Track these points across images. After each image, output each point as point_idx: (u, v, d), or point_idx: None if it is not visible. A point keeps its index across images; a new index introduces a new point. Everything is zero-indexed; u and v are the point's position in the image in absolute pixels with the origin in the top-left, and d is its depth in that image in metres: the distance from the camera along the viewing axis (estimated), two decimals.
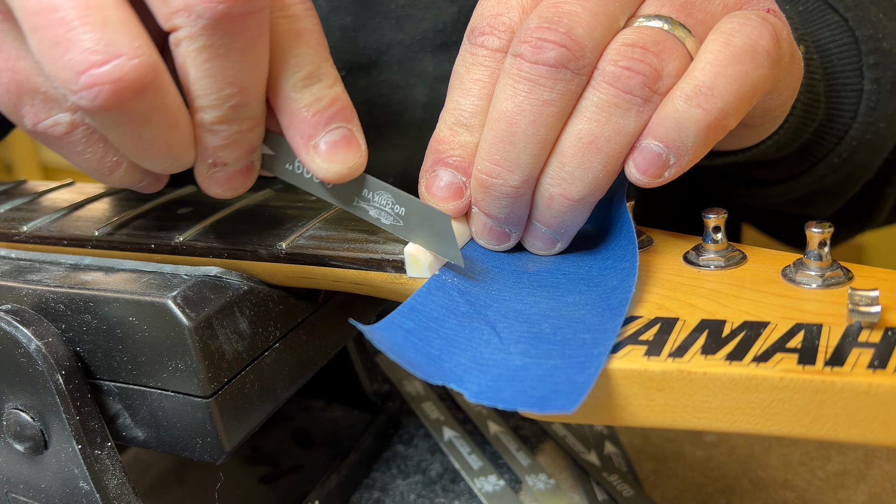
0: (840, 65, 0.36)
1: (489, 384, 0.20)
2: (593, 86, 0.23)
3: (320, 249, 0.26)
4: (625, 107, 0.23)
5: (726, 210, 0.24)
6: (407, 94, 0.44)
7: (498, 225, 0.26)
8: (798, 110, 0.33)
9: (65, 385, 0.26)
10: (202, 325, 0.25)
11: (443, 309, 0.23)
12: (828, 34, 0.36)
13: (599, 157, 0.24)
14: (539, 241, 0.26)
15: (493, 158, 0.24)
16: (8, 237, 0.31)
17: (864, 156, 0.38)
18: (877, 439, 0.18)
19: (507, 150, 0.24)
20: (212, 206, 0.31)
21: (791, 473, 0.34)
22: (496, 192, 0.25)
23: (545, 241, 0.26)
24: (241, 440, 0.27)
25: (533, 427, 0.37)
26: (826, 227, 0.22)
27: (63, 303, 0.26)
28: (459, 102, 0.26)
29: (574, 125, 0.24)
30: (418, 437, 0.37)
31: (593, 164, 0.24)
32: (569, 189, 0.24)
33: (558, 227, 0.25)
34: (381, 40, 0.43)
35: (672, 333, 0.21)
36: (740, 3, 0.25)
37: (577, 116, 0.24)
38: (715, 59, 0.23)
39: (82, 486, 0.26)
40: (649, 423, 0.20)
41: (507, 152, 0.24)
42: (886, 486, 0.33)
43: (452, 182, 0.26)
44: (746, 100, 0.23)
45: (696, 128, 0.23)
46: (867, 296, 0.19)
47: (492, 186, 0.25)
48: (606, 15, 0.24)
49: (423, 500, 0.33)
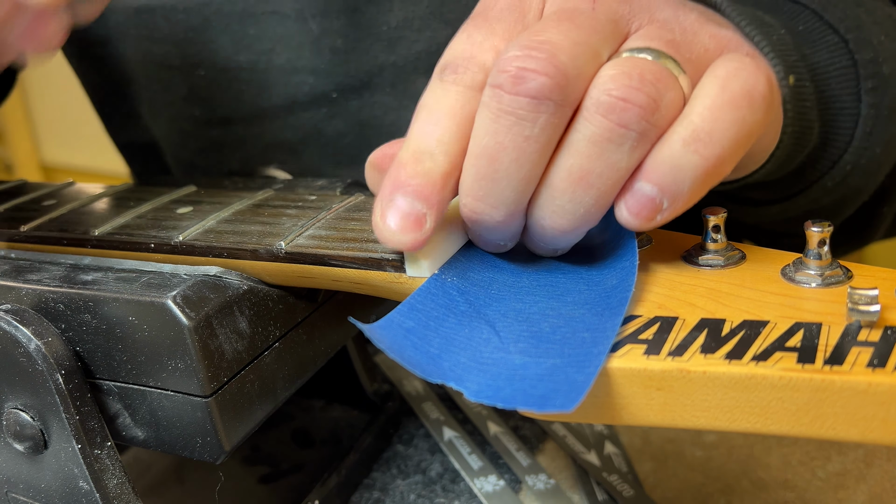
0: (837, 88, 0.35)
1: (489, 383, 0.20)
2: (584, 117, 0.22)
3: (320, 249, 0.26)
4: (619, 141, 0.22)
5: (726, 209, 0.24)
6: (400, 115, 0.43)
7: (493, 247, 0.26)
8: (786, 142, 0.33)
9: (64, 385, 0.26)
10: (202, 325, 0.25)
11: (442, 308, 0.23)
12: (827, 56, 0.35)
13: (591, 193, 0.22)
14: (537, 248, 0.26)
15: (476, 195, 0.23)
16: (8, 237, 0.31)
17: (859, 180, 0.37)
18: (876, 438, 0.18)
19: (489, 188, 0.23)
20: (212, 206, 0.31)
21: (791, 473, 0.34)
22: (484, 226, 0.24)
23: (543, 250, 0.26)
24: (241, 440, 0.27)
25: (533, 427, 0.37)
26: (825, 227, 0.22)
27: (63, 302, 0.27)
28: (424, 129, 0.24)
29: (564, 160, 0.22)
30: (418, 437, 0.37)
31: (585, 199, 0.22)
32: (559, 222, 0.23)
33: (552, 246, 0.25)
34: (374, 62, 0.42)
35: (671, 332, 0.21)
36: (720, 47, 0.24)
37: (567, 150, 0.22)
38: (713, 104, 0.22)
39: (82, 485, 0.26)
40: (649, 423, 0.20)
41: (490, 189, 0.23)
42: (886, 486, 0.33)
43: (410, 212, 0.23)
44: (742, 146, 0.22)
45: (694, 174, 0.22)
46: (866, 295, 0.19)
47: (478, 221, 0.24)
48: (588, 46, 0.22)
49: (423, 500, 0.33)
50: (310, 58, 0.43)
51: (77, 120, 2.17)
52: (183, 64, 0.45)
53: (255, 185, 0.35)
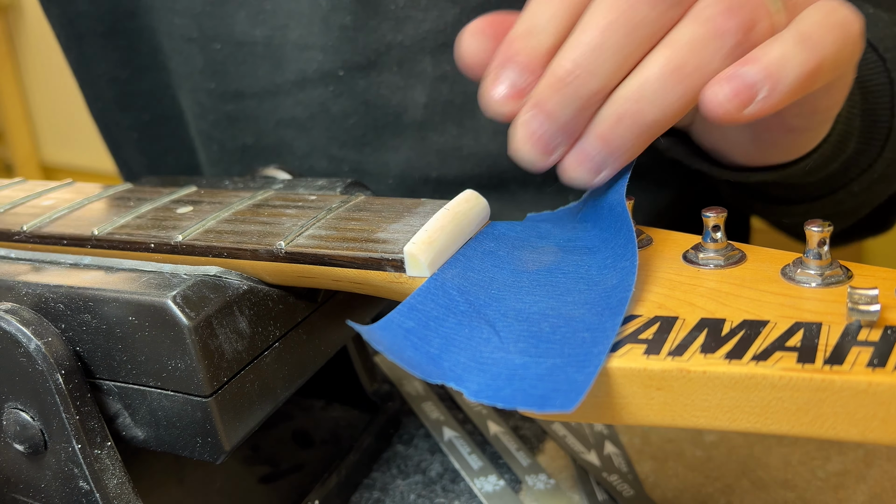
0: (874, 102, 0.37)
1: (488, 383, 0.20)
2: (689, 19, 0.24)
3: (320, 249, 0.26)
4: (716, 45, 0.24)
5: (726, 209, 0.24)
6: (406, 94, 0.44)
7: (550, 133, 0.26)
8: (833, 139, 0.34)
9: (64, 384, 0.26)
10: (202, 325, 0.25)
11: (442, 308, 0.23)
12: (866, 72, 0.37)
13: (681, 87, 0.24)
14: (583, 165, 0.26)
15: (575, 60, 0.24)
16: (7, 237, 0.31)
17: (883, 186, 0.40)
18: (876, 437, 0.18)
19: (592, 56, 0.24)
20: (212, 206, 0.31)
21: (791, 473, 0.34)
22: (568, 93, 0.25)
23: (590, 166, 0.26)
24: (241, 440, 0.27)
25: (533, 427, 0.37)
26: (825, 227, 0.22)
27: (63, 302, 0.27)
28: (536, 11, 0.26)
29: (662, 52, 0.24)
30: (418, 437, 0.37)
31: (674, 91, 0.24)
32: (644, 109, 0.24)
33: (615, 149, 0.25)
34: (381, 41, 0.43)
35: (671, 332, 0.21)
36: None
37: (667, 44, 0.24)
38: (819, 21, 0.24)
39: (82, 485, 0.26)
40: (648, 422, 0.20)
41: (593, 58, 0.24)
42: (886, 486, 0.33)
43: (516, 83, 0.26)
44: (840, 62, 0.24)
45: (799, 69, 0.23)
46: (866, 294, 0.19)
47: (566, 86, 0.25)
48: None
49: (423, 500, 0.33)
50: (319, 34, 0.43)
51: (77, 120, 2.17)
52: (200, 37, 0.45)
53: (255, 185, 0.35)
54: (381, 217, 0.28)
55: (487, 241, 0.27)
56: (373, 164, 0.46)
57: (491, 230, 0.28)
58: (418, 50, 0.43)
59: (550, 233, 0.28)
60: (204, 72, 0.46)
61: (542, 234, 0.28)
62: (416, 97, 0.44)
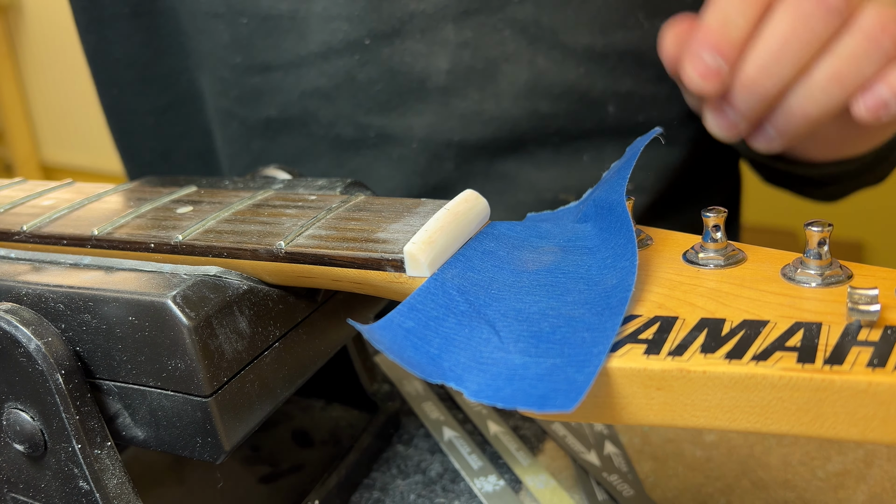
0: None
1: (488, 383, 0.20)
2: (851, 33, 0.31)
3: (320, 249, 0.26)
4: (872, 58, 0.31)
5: (726, 209, 0.24)
6: (429, 61, 0.46)
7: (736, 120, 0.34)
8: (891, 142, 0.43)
9: (64, 385, 0.26)
10: (202, 325, 0.25)
11: (442, 308, 0.23)
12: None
13: (839, 91, 0.32)
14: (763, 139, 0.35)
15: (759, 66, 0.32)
16: (7, 237, 0.31)
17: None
18: (876, 437, 0.18)
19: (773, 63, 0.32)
20: (212, 206, 0.31)
21: (791, 473, 0.34)
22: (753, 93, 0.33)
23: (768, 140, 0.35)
24: (241, 440, 0.27)
25: (533, 427, 0.37)
26: (825, 226, 0.22)
27: (63, 302, 0.27)
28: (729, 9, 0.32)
29: (827, 61, 0.31)
30: (418, 437, 0.37)
31: (834, 94, 0.32)
32: (809, 109, 0.32)
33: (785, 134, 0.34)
34: (405, 9, 0.44)
35: (671, 332, 0.21)
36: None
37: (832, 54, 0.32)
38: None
39: (82, 485, 0.26)
40: (648, 422, 0.20)
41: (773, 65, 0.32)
42: (886, 486, 0.33)
43: (713, 65, 0.32)
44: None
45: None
46: (866, 294, 0.19)
47: (752, 88, 0.32)
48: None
49: (423, 500, 0.33)
50: (344, 5, 0.45)
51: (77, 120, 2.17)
52: (227, 12, 0.46)
53: (255, 185, 0.35)
54: (381, 217, 0.28)
55: (487, 240, 0.27)
56: (398, 128, 0.48)
57: (491, 230, 0.28)
58: (441, 17, 0.45)
59: (550, 233, 0.28)
60: (229, 47, 0.47)
61: (542, 234, 0.28)
62: (439, 63, 0.46)
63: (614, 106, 0.47)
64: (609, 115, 0.47)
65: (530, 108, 0.47)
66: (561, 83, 0.46)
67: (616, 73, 0.47)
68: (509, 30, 0.45)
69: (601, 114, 0.47)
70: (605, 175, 0.28)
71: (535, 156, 0.48)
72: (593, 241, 0.26)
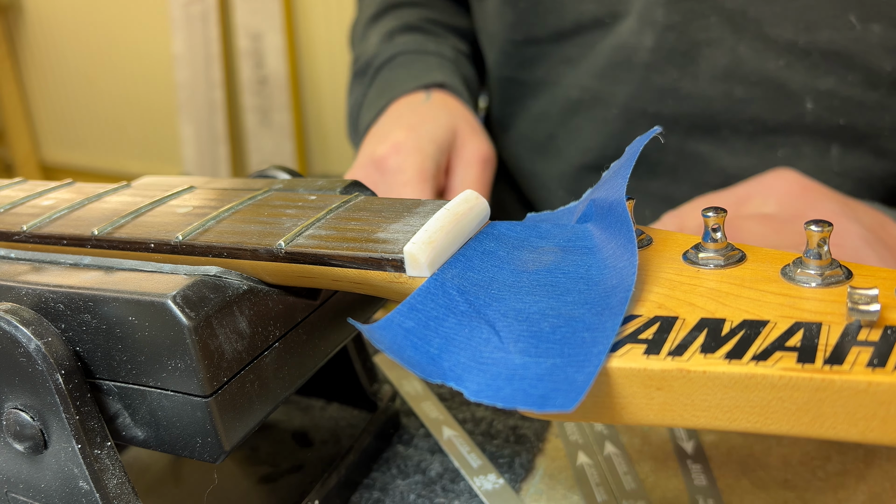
0: None
1: (488, 383, 0.20)
2: None
3: (320, 249, 0.26)
4: None
5: (725, 210, 0.24)
6: (639, 39, 0.52)
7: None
8: None
9: (64, 385, 0.26)
10: (202, 325, 0.25)
11: (442, 308, 0.23)
12: None
13: None
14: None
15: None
16: (7, 237, 0.31)
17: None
18: (876, 437, 0.18)
19: None
20: (211, 206, 0.31)
21: (791, 473, 0.34)
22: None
23: None
24: (241, 440, 0.27)
25: (533, 427, 0.37)
26: (825, 226, 0.22)
27: (63, 302, 0.27)
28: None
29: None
30: (418, 436, 0.37)
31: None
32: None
33: None
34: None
35: (671, 332, 0.21)
36: None
37: None
38: None
39: (82, 485, 0.26)
40: (648, 422, 0.20)
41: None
42: (886, 486, 0.33)
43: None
44: None
45: None
46: (866, 294, 0.19)
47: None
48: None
49: (423, 500, 0.33)
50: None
51: (77, 120, 2.17)
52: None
53: (255, 185, 0.35)
54: (381, 217, 0.28)
55: (487, 241, 0.27)
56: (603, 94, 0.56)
57: (491, 230, 0.28)
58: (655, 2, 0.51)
59: (550, 233, 0.28)
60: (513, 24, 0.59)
61: (542, 234, 0.28)
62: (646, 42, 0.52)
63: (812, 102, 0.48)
64: (807, 112, 0.49)
65: (725, 91, 0.50)
66: (759, 71, 0.49)
67: (818, 71, 0.48)
68: (716, 17, 0.49)
69: (798, 108, 0.49)
70: (605, 175, 0.28)
71: (728, 142, 0.51)
72: (593, 241, 0.26)
